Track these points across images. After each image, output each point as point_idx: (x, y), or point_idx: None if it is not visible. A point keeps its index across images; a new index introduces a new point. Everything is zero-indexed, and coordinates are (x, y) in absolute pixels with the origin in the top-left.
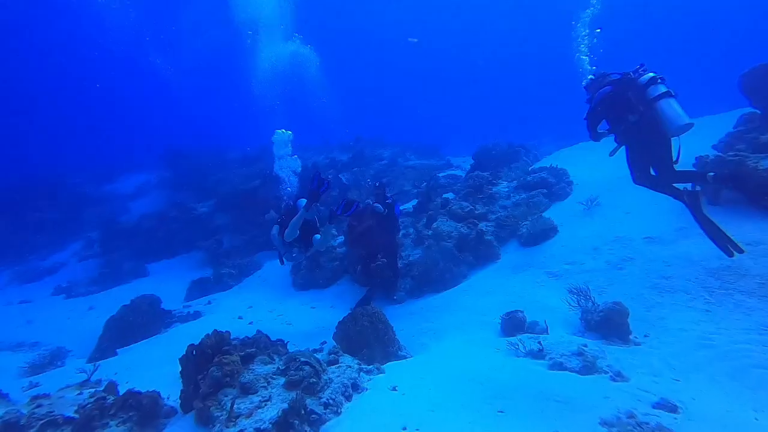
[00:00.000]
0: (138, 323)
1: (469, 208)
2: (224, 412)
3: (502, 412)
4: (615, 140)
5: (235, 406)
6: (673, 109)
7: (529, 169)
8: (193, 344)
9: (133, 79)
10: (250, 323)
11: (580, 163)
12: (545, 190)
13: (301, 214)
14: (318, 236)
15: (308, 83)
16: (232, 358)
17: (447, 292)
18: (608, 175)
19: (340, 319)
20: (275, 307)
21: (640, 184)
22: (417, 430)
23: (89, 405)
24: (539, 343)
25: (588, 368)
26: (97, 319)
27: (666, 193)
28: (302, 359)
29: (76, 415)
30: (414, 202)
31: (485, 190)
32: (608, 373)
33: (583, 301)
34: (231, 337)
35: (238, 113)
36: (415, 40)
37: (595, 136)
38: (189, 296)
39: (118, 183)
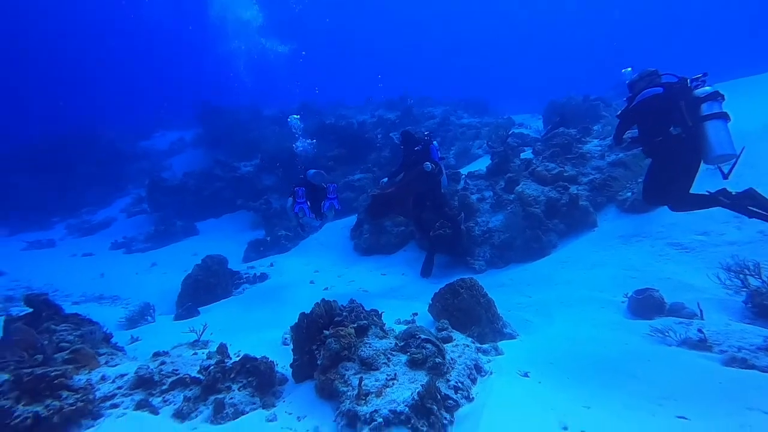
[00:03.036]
0: (212, 283)
1: (557, 170)
2: (350, 388)
3: (684, 418)
4: (643, 151)
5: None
6: (721, 134)
7: None
8: (304, 313)
9: (163, 33)
10: (325, 289)
11: None
12: None
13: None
14: (326, 203)
15: (346, 38)
16: (348, 331)
17: (537, 263)
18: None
19: (436, 291)
20: (343, 273)
21: (652, 203)
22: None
23: (212, 368)
24: (699, 331)
25: None
26: (163, 276)
27: (690, 210)
28: (422, 336)
29: (201, 376)
30: (481, 163)
31: (574, 150)
32: None
33: (750, 280)
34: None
35: (270, 71)
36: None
37: (619, 141)
38: (246, 257)
39: (153, 140)
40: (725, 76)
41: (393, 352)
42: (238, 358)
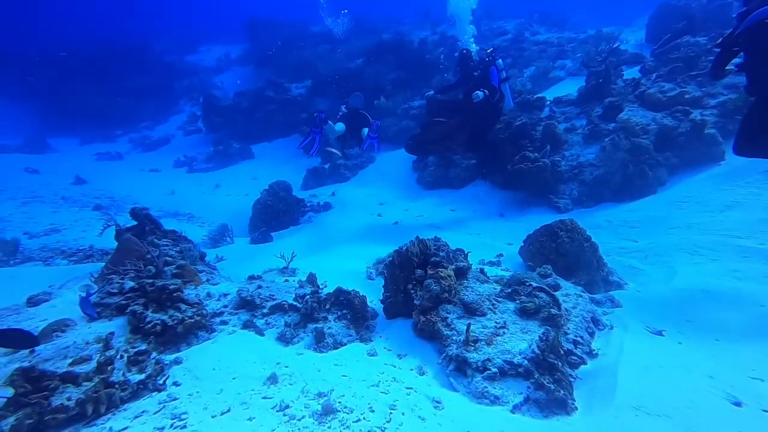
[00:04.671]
0: (280, 209)
1: (676, 91)
2: (454, 332)
3: None
4: (745, 88)
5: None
6: None
7: None
8: (398, 250)
9: None
10: (395, 223)
11: None
12: None
13: None
14: (366, 142)
15: None
16: (448, 272)
17: (640, 202)
18: None
19: (530, 233)
20: (409, 206)
21: (742, 154)
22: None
23: (308, 297)
24: None
25: None
26: (227, 198)
27: None
28: (533, 283)
29: (297, 303)
30: (565, 87)
31: (701, 64)
32: None
33: None
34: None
35: None
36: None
37: (718, 73)
38: (306, 185)
39: (200, 54)
40: None
41: (498, 299)
42: (330, 290)
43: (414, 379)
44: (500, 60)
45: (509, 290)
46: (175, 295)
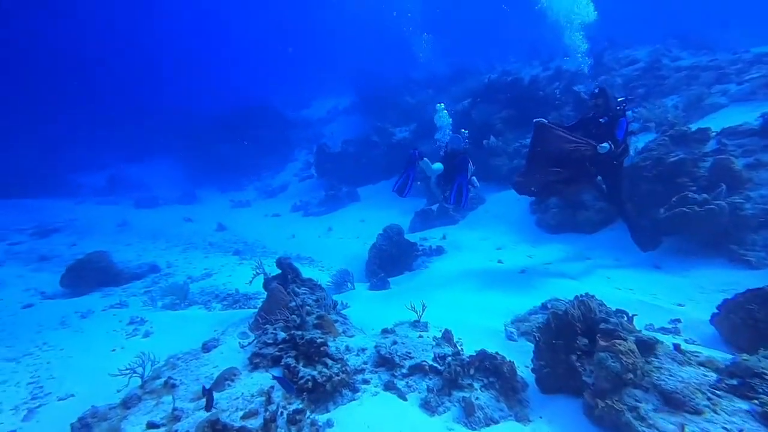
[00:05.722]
0: (394, 254)
1: None
2: (653, 429)
3: None
4: None
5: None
6: None
7: None
8: (555, 312)
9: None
10: (521, 272)
11: None
12: None
13: None
14: (454, 190)
15: None
16: (629, 346)
17: None
18: None
19: (727, 297)
20: (533, 253)
21: None
22: None
23: (450, 359)
24: None
25: None
26: (340, 241)
27: None
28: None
29: (437, 365)
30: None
31: None
32: None
33: None
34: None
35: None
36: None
37: None
38: (413, 227)
39: (312, 108)
40: None
41: (716, 392)
42: (466, 349)
43: None
44: (630, 111)
45: (734, 382)
46: (321, 349)
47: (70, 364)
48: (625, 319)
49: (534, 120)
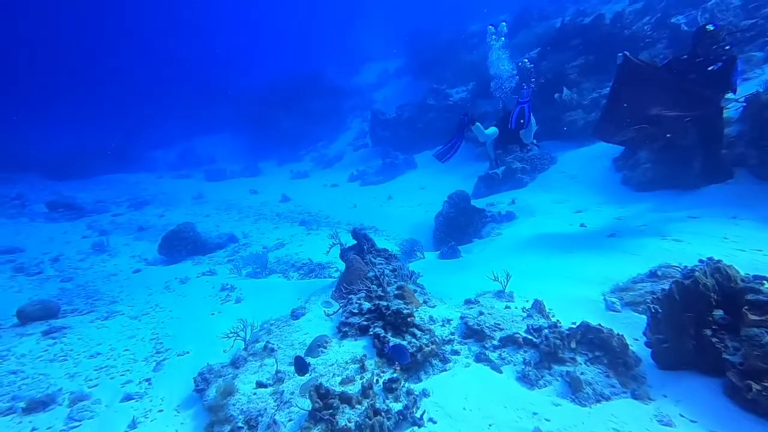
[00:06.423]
0: (462, 222)
1: None
2: None
3: None
4: None
5: None
6: None
7: None
8: (679, 281)
9: None
10: (610, 235)
11: None
12: None
13: None
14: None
15: None
16: None
17: None
18: None
19: None
20: (621, 214)
21: None
22: None
23: (547, 332)
24: None
25: None
26: (402, 209)
27: None
28: None
29: (532, 337)
30: None
31: None
32: None
33: None
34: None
35: None
36: None
37: None
38: (477, 192)
39: (362, 74)
40: None
41: None
42: (560, 321)
43: None
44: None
45: None
46: (409, 320)
47: (180, 325)
48: (766, 285)
49: (618, 54)
